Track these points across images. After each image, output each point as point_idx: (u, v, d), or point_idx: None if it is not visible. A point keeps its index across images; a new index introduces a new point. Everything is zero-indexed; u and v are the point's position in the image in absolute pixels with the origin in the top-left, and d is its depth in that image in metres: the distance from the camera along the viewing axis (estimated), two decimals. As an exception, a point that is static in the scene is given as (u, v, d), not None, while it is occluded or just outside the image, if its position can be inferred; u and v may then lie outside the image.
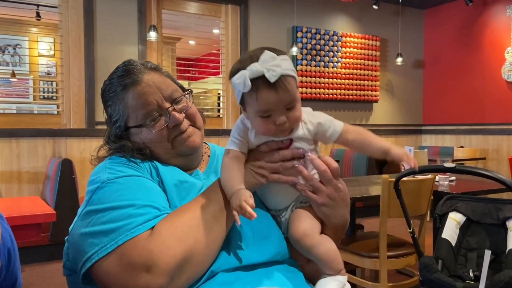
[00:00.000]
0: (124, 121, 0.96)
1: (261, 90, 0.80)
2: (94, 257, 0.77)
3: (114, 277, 0.76)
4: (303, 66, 5.23)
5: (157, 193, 0.87)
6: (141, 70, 0.97)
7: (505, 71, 5.29)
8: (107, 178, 0.86)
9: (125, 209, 0.80)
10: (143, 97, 0.94)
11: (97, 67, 4.14)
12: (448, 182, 2.78)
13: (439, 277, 1.67)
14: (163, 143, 0.96)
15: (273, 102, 0.81)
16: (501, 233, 1.75)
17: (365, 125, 5.85)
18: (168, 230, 0.78)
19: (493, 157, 5.47)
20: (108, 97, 0.98)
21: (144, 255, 0.75)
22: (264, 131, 0.85)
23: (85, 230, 0.80)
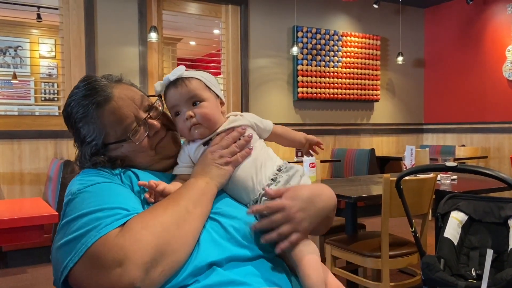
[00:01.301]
0: (101, 139, 0.95)
1: (167, 89, 0.97)
2: (69, 264, 0.76)
3: (89, 278, 0.75)
4: (303, 66, 5.23)
5: (126, 196, 0.87)
6: (107, 85, 0.96)
7: (506, 69, 5.28)
8: (77, 189, 0.87)
9: (94, 214, 0.80)
10: (119, 112, 0.94)
11: (98, 68, 4.14)
12: (449, 181, 2.78)
13: (442, 276, 1.66)
14: (147, 151, 0.96)
15: (174, 97, 0.96)
16: (503, 232, 1.75)
17: (366, 124, 5.84)
18: (139, 224, 0.77)
19: (495, 156, 5.46)
20: (77, 119, 0.95)
21: (114, 250, 0.74)
22: (180, 128, 0.97)
23: (60, 242, 0.80)
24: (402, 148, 5.80)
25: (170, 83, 0.97)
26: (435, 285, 1.67)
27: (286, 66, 5.23)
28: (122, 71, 4.50)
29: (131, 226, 0.77)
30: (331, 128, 5.54)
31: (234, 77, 4.92)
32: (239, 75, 4.93)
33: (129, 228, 0.77)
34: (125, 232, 0.76)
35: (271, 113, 5.13)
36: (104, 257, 0.74)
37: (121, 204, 0.82)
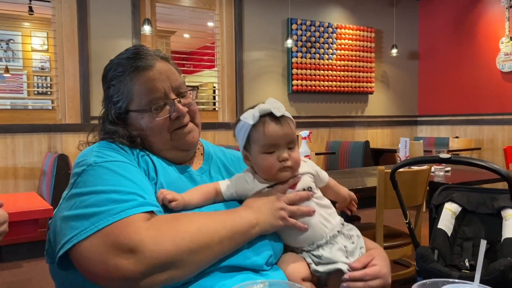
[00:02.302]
0: (126, 103, 0.95)
1: (268, 123, 0.91)
2: (73, 240, 0.76)
3: (95, 256, 0.74)
4: (298, 59, 5.22)
5: (143, 181, 0.86)
6: (153, 57, 0.97)
7: (499, 61, 5.30)
8: (93, 162, 0.85)
9: (109, 194, 0.79)
10: (152, 83, 0.94)
11: (91, 61, 4.11)
12: (443, 172, 2.80)
13: (436, 267, 1.68)
14: (162, 133, 0.95)
15: (278, 135, 0.91)
16: (496, 223, 1.77)
17: (360, 117, 5.86)
18: (170, 231, 0.77)
19: (488, 147, 5.50)
20: (113, 76, 0.96)
21: (132, 238, 0.73)
22: (268, 165, 0.91)
23: (67, 213, 0.80)
24: (396, 140, 5.82)
25: (271, 117, 0.92)
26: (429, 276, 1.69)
27: (280, 58, 5.22)
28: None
29: (161, 226, 0.77)
30: (326, 120, 5.55)
31: (228, 70, 4.90)
32: (233, 68, 4.91)
33: (157, 226, 0.77)
34: (150, 227, 0.76)
35: (266, 106, 5.12)
36: (120, 240, 0.74)
37: (137, 190, 0.82)
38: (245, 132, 0.92)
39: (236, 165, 1.09)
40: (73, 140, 4.01)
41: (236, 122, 0.96)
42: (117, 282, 0.74)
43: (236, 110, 4.89)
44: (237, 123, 0.96)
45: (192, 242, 0.77)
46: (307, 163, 0.99)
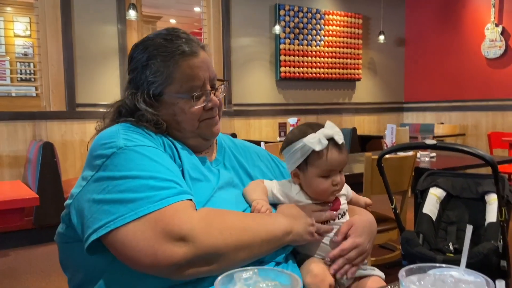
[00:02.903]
0: (164, 85, 0.92)
1: (331, 150, 0.94)
2: (110, 225, 0.74)
3: (141, 242, 0.73)
4: (286, 45, 5.19)
5: (175, 168, 0.86)
6: (197, 44, 0.96)
7: (484, 47, 5.36)
8: (124, 144, 0.82)
9: (145, 179, 0.77)
10: (196, 71, 0.93)
11: (75, 47, 4.03)
12: (429, 158, 2.84)
13: (420, 250, 1.72)
14: (193, 121, 0.95)
15: (339, 162, 0.95)
16: (480, 207, 1.81)
17: (348, 104, 5.88)
18: (217, 220, 0.79)
19: (472, 133, 5.59)
20: (153, 55, 0.93)
21: (185, 227, 0.74)
22: (323, 189, 0.95)
23: (99, 196, 0.77)
24: (383, 127, 5.87)
25: (333, 143, 0.94)
26: (414, 259, 1.72)
27: (268, 45, 5.19)
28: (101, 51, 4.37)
29: (211, 219, 0.79)
30: (314, 108, 5.56)
31: (216, 57, 4.85)
32: (221, 54, 4.87)
33: (207, 218, 0.78)
34: (201, 219, 0.77)
35: (254, 93, 5.11)
36: (170, 227, 0.74)
37: (173, 177, 0.81)
38: (304, 155, 0.94)
39: (246, 154, 1.10)
40: (58, 127, 3.95)
41: (289, 142, 0.97)
42: (163, 269, 0.74)
43: (224, 97, 4.86)
44: (291, 143, 0.96)
45: (238, 240, 0.79)
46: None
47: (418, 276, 0.57)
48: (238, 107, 4.97)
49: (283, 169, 1.14)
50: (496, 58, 5.26)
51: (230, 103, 4.92)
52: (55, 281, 2.65)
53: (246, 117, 5.05)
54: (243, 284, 0.55)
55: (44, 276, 2.73)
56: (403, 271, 0.56)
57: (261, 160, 1.11)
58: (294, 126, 2.88)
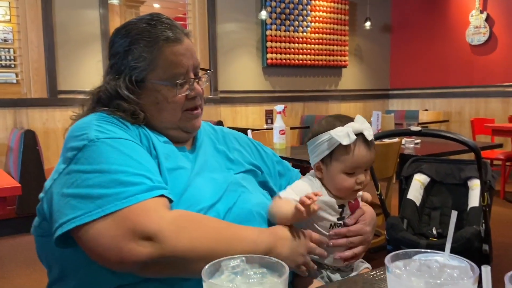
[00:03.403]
0: (147, 71, 0.90)
1: (359, 146, 0.90)
2: (75, 221, 0.73)
3: (107, 239, 0.72)
4: (272, 31, 5.15)
5: (148, 161, 0.83)
6: (181, 32, 0.94)
7: (469, 34, 5.40)
8: (95, 137, 0.80)
9: (115, 174, 0.76)
10: (180, 58, 0.91)
11: (56, 32, 3.93)
12: (413, 145, 2.87)
13: (405, 235, 1.75)
14: (176, 110, 0.93)
15: (366, 159, 0.91)
16: (463, 192, 1.84)
17: (334, 91, 5.89)
18: (191, 226, 0.77)
19: (456, 119, 5.66)
20: (136, 40, 0.90)
21: (152, 227, 0.73)
22: (347, 187, 0.92)
23: (67, 190, 0.76)
24: (369, 114, 5.90)
25: (362, 139, 0.90)
26: (398, 244, 1.75)
27: (255, 31, 5.14)
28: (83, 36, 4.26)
29: (184, 224, 0.76)
30: (300, 95, 5.56)
31: (201, 43, 4.79)
32: (206, 40, 4.81)
33: (180, 222, 0.76)
34: (173, 221, 0.75)
35: (241, 80, 5.08)
36: (138, 226, 0.72)
37: (144, 171, 0.79)
38: (331, 148, 0.90)
39: (225, 139, 1.09)
40: (39, 115, 3.87)
41: (316, 133, 0.93)
42: (128, 267, 0.73)
43: (210, 84, 4.82)
44: (317, 135, 0.92)
45: (209, 251, 0.76)
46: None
47: (404, 262, 0.57)
48: (224, 94, 4.94)
49: (264, 154, 1.13)
50: (480, 45, 5.31)
51: (216, 90, 4.88)
52: (39, 270, 2.62)
53: (233, 104, 5.03)
54: (230, 272, 0.55)
55: (28, 265, 2.70)
56: (389, 257, 0.56)
57: (240, 144, 1.10)
58: (281, 113, 2.88)
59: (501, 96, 5.17)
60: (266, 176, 1.09)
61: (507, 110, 5.11)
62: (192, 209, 0.84)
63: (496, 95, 5.22)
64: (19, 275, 2.60)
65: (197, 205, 0.85)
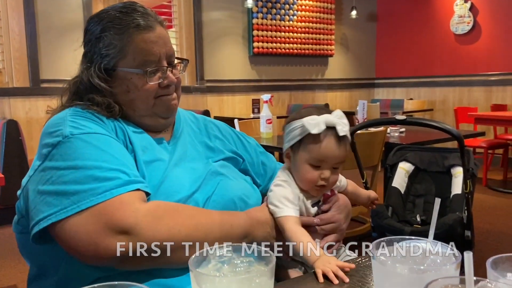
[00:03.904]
0: (116, 59, 0.89)
1: (328, 138, 0.88)
2: (51, 218, 0.73)
3: (83, 235, 0.72)
4: (258, 20, 5.12)
5: (124, 155, 0.83)
6: (154, 18, 0.93)
7: (453, 23, 5.45)
8: (70, 133, 0.80)
9: (90, 170, 0.75)
10: (150, 45, 0.89)
11: (38, 20, 3.84)
12: (398, 133, 2.90)
13: (389, 222, 1.78)
14: (148, 98, 0.91)
15: (333, 154, 0.88)
16: (446, 180, 1.88)
17: (321, 80, 5.90)
18: (167, 215, 0.77)
19: (440, 108, 5.74)
20: (107, 27, 0.89)
21: (128, 221, 0.72)
22: (308, 179, 0.90)
23: (43, 187, 0.76)
24: (355, 103, 5.95)
25: (333, 132, 0.87)
26: (383, 231, 1.78)
27: (241, 19, 5.10)
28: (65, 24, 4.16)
29: (160, 214, 0.76)
30: (287, 84, 5.56)
31: (187, 31, 4.74)
32: (192, 28, 4.75)
33: (156, 213, 0.76)
34: (149, 213, 0.75)
35: (227, 69, 5.05)
36: (113, 221, 0.72)
37: (120, 166, 0.78)
38: (300, 135, 0.89)
39: (207, 128, 1.08)
40: (22, 104, 3.79)
41: (291, 119, 0.92)
42: (106, 261, 0.73)
43: (196, 73, 4.79)
44: (292, 121, 0.91)
45: (187, 237, 0.76)
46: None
47: (388, 249, 0.58)
48: (210, 83, 4.91)
49: (247, 143, 1.13)
50: (464, 34, 5.37)
51: (202, 79, 4.85)
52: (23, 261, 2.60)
53: (219, 93, 5.00)
54: (217, 261, 0.55)
55: (13, 256, 2.68)
56: (374, 244, 0.57)
57: (222, 133, 1.10)
58: (267, 103, 2.88)
59: (484, 85, 5.25)
60: (248, 165, 1.09)
61: (490, 99, 5.19)
62: (170, 200, 0.84)
63: (479, 84, 5.29)
64: (3, 266, 2.58)
65: (175, 196, 0.85)
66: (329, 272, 0.73)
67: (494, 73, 5.13)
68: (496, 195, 4.01)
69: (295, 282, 0.76)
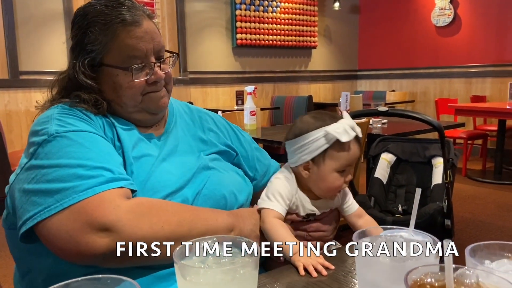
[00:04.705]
0: (101, 55, 0.87)
1: (353, 142, 0.88)
2: (36, 218, 0.72)
3: (65, 233, 0.72)
4: (242, 11, 5.08)
5: (110, 152, 0.82)
6: (140, 12, 0.90)
7: (434, 15, 5.51)
8: (55, 131, 0.79)
9: (73, 168, 0.75)
10: (136, 41, 0.87)
11: (16, 10, 3.74)
12: (381, 125, 2.94)
13: (372, 212, 1.80)
14: (135, 95, 0.89)
15: (357, 155, 0.90)
16: (427, 170, 1.91)
17: (304, 71, 5.92)
18: (149, 212, 0.76)
19: (421, 100, 5.82)
20: (92, 22, 0.87)
21: (109, 218, 0.72)
22: (337, 186, 0.90)
23: (28, 186, 0.75)
24: (338, 94, 5.98)
25: (356, 135, 0.89)
26: (366, 221, 1.80)
27: (224, 10, 5.06)
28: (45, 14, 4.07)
29: (142, 211, 0.75)
30: (271, 75, 5.55)
31: (169, 22, 4.68)
32: (175, 20, 4.70)
33: (138, 210, 0.75)
34: (131, 210, 0.74)
35: (210, 60, 5.01)
36: (94, 218, 0.71)
37: (104, 163, 0.77)
38: (327, 144, 0.86)
39: (201, 120, 1.07)
40: (1, 97, 3.70)
41: (305, 129, 0.88)
42: (88, 259, 0.73)
43: (179, 65, 4.74)
44: (302, 133, 0.88)
45: (171, 234, 0.76)
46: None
47: (371, 238, 0.59)
48: (194, 75, 4.87)
49: (242, 137, 1.12)
50: (445, 26, 5.44)
51: (185, 71, 4.81)
52: (8, 256, 2.56)
53: (203, 85, 4.97)
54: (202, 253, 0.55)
55: None
56: (356, 234, 0.58)
57: (217, 126, 1.09)
58: (251, 94, 2.87)
59: (464, 76, 5.34)
60: (241, 159, 1.08)
61: (470, 90, 5.29)
62: (158, 195, 0.83)
63: (459, 75, 5.38)
64: (-16, 262, 2.53)
65: (162, 191, 0.84)
66: (309, 265, 0.75)
67: (473, 65, 5.22)
68: (475, 185, 4.11)
69: (278, 272, 0.77)
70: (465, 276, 0.46)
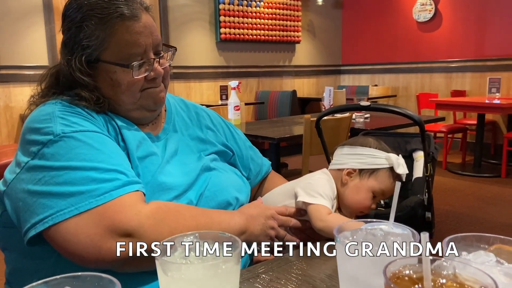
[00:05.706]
0: (99, 51, 0.83)
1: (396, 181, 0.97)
2: (48, 221, 0.70)
3: (84, 238, 0.70)
4: (225, 5, 5.05)
5: (119, 154, 0.80)
6: (140, 7, 0.86)
7: (416, 11, 5.57)
8: (61, 131, 0.76)
9: (86, 171, 0.73)
10: (135, 37, 0.84)
11: (-8, 3, 3.65)
12: (363, 119, 2.97)
13: (355, 206, 1.82)
14: (134, 92, 0.87)
15: (391, 191, 0.96)
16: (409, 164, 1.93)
17: (288, 66, 5.93)
18: (168, 218, 0.76)
19: (403, 94, 5.90)
20: (87, 16, 0.82)
21: (131, 223, 0.71)
22: (363, 205, 0.98)
23: (35, 188, 0.72)
24: (321, 89, 6.01)
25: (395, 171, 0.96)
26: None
27: (207, 4, 5.02)
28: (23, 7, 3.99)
29: (162, 216, 0.75)
30: (255, 70, 5.55)
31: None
32: (157, 13, 4.64)
33: (158, 216, 0.75)
34: (151, 215, 0.74)
35: (194, 55, 4.98)
36: (116, 223, 0.70)
37: (117, 166, 0.76)
38: (381, 166, 0.96)
39: (199, 117, 1.06)
40: (-22, 92, 3.61)
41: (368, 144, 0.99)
42: (107, 264, 0.71)
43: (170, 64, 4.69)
44: (369, 146, 0.98)
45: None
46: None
47: (352, 232, 0.60)
48: (177, 70, 4.83)
49: (237, 135, 1.12)
50: (426, 22, 5.51)
51: (168, 65, 4.76)
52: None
53: (186, 80, 4.94)
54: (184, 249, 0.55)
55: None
56: (337, 227, 0.59)
57: (213, 123, 1.08)
58: (235, 89, 2.86)
59: (444, 71, 5.43)
60: (237, 159, 1.08)
61: (450, 85, 5.38)
62: (164, 197, 0.83)
63: (440, 70, 5.47)
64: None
65: (169, 193, 0.84)
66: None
67: (453, 60, 5.31)
68: (455, 178, 4.19)
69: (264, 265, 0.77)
70: (443, 268, 0.47)
